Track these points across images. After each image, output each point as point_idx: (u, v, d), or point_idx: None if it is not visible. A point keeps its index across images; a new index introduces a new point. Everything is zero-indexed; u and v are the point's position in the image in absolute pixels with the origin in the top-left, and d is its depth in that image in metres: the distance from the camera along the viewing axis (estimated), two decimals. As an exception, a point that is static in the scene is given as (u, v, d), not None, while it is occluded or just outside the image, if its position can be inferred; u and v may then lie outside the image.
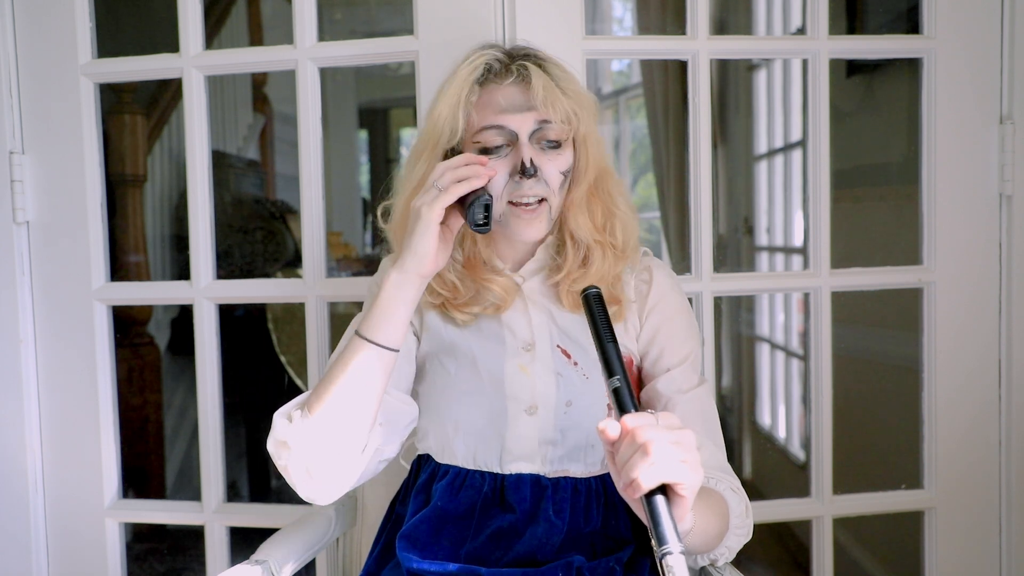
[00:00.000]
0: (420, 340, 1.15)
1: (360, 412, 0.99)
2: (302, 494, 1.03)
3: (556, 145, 1.06)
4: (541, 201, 1.05)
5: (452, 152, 1.06)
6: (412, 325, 1.14)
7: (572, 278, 1.10)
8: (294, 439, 0.99)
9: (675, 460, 0.76)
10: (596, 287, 0.90)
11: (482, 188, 1.00)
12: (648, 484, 0.76)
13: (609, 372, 0.85)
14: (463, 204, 1.00)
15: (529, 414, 1.09)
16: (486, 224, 1.00)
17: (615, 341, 0.86)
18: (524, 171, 1.02)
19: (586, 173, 1.09)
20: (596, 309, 0.88)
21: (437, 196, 0.98)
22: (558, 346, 1.11)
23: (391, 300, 0.99)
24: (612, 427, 0.79)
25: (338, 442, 0.99)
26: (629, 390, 0.84)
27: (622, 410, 0.82)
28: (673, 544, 0.74)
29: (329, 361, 1.13)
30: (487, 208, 0.99)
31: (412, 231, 0.99)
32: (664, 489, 0.77)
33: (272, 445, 1.01)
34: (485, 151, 1.04)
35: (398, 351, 1.01)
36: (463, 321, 1.12)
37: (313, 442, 0.98)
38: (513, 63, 1.06)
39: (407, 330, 1.04)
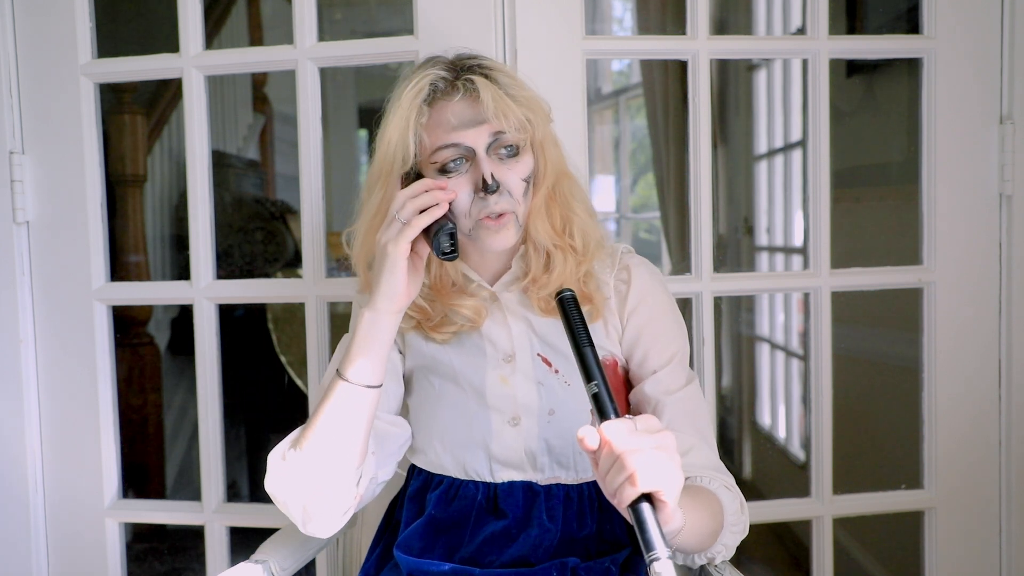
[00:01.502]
0: (404, 357, 1.15)
1: (348, 449, 0.99)
2: (304, 531, 1.03)
3: (515, 152, 1.03)
4: (505, 214, 1.04)
5: (409, 175, 1.04)
6: (396, 343, 1.14)
7: (539, 284, 1.09)
8: (288, 479, 0.99)
9: (654, 468, 0.76)
10: (570, 289, 0.89)
11: (444, 216, 0.99)
12: (629, 496, 0.76)
13: (587, 377, 0.84)
14: (428, 232, 0.99)
15: (512, 425, 1.08)
16: (453, 252, 0.99)
17: (592, 344, 0.85)
18: (486, 187, 1.00)
19: (545, 178, 1.07)
20: (571, 312, 0.87)
21: (401, 231, 0.96)
22: (539, 355, 1.10)
23: (367, 339, 0.99)
24: (591, 436, 0.79)
25: (329, 480, 0.99)
26: (609, 394, 0.83)
27: (602, 416, 0.82)
28: (660, 550, 0.74)
29: (321, 382, 1.13)
30: (452, 236, 0.98)
31: (380, 269, 0.98)
32: (648, 496, 0.77)
33: (269, 486, 1.02)
34: (444, 170, 1.02)
35: (380, 387, 1.01)
36: (443, 340, 1.11)
37: (306, 482, 0.99)
38: (459, 79, 1.03)
39: (388, 364, 1.03)
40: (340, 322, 1.42)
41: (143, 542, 2.86)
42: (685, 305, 1.21)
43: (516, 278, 1.12)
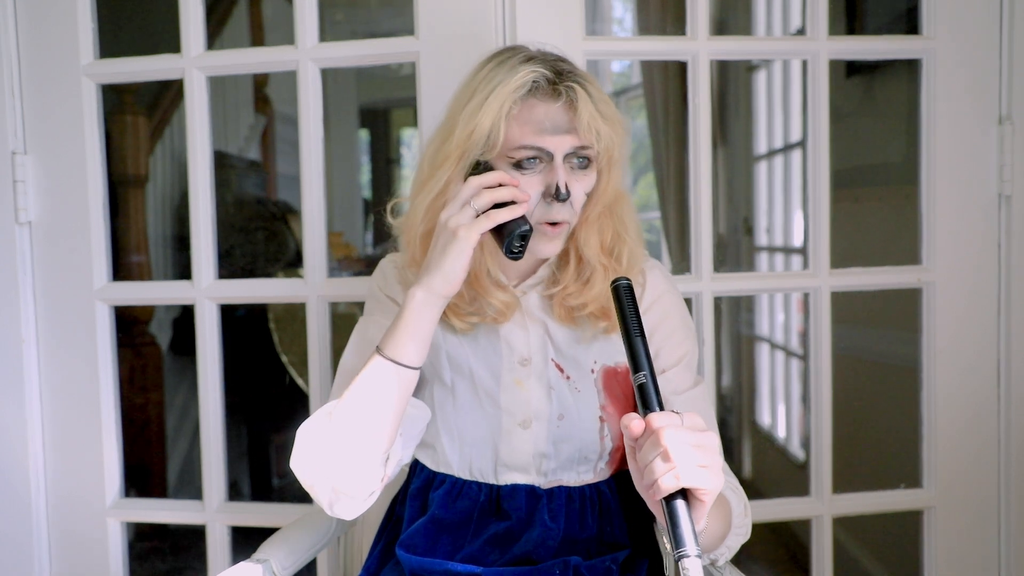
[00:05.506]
0: None
1: (383, 429, 0.99)
2: (330, 513, 1.02)
3: (586, 164, 1.03)
4: (562, 222, 1.04)
5: (481, 163, 1.02)
6: None
7: (568, 292, 1.09)
8: (318, 457, 0.98)
9: (697, 465, 0.76)
10: (627, 278, 0.88)
11: (521, 216, 0.98)
12: (668, 488, 0.76)
13: (635, 367, 0.83)
14: (496, 226, 0.98)
15: (523, 428, 1.09)
16: (521, 253, 0.98)
17: (643, 335, 0.84)
18: (558, 195, 1.00)
19: (605, 194, 1.07)
20: (626, 301, 0.86)
21: (476, 221, 0.95)
22: (552, 360, 1.11)
23: (416, 320, 0.98)
24: (636, 423, 0.79)
25: (362, 459, 0.99)
26: (655, 386, 0.82)
27: (647, 407, 0.81)
28: (691, 547, 0.74)
29: (341, 363, 1.12)
30: (524, 238, 0.98)
31: (444, 251, 0.96)
32: (684, 492, 0.77)
33: (296, 464, 1.00)
34: (517, 165, 1.01)
35: (419, 369, 1.00)
36: (461, 329, 1.11)
37: (337, 460, 0.98)
38: (561, 83, 1.01)
39: (428, 347, 1.02)
40: (341, 322, 1.43)
41: (145, 541, 2.87)
42: (685, 305, 1.22)
43: (541, 282, 1.12)
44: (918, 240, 1.55)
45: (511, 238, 0.97)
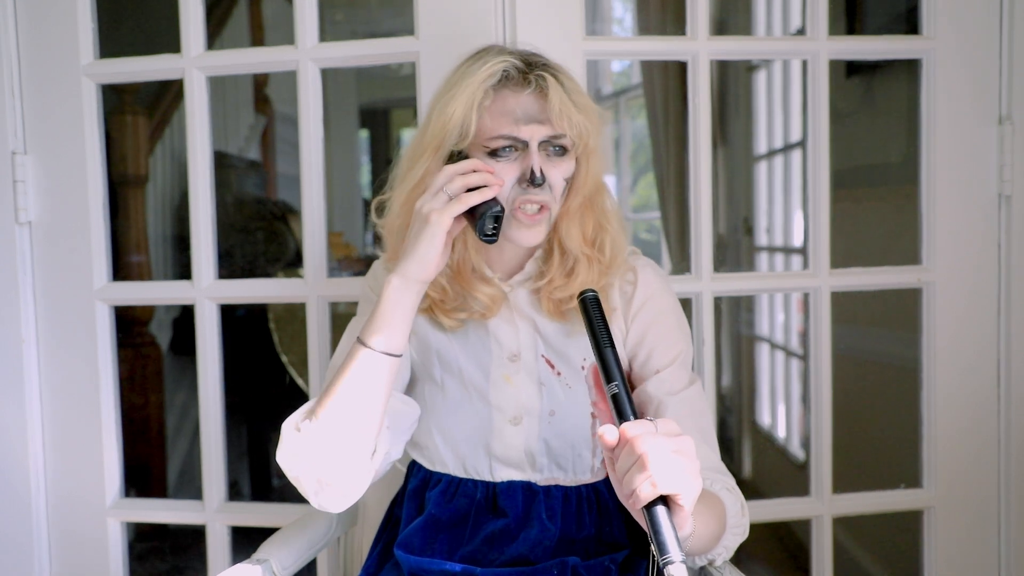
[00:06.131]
0: (411, 342, 1.15)
1: (367, 419, 0.99)
2: (315, 504, 1.02)
3: (562, 152, 1.05)
4: (541, 209, 1.04)
5: (453, 154, 1.04)
6: None
7: (555, 285, 1.09)
8: (304, 450, 0.98)
9: (674, 471, 0.76)
10: (593, 290, 0.88)
11: (493, 199, 0.99)
12: (647, 496, 0.76)
13: (608, 378, 0.84)
14: (470, 212, 0.99)
15: (513, 424, 1.09)
16: (494, 235, 0.99)
17: (613, 345, 0.85)
18: (533, 180, 1.01)
19: (584, 185, 1.08)
20: (594, 313, 0.87)
21: (447, 204, 0.96)
22: (542, 356, 1.11)
23: (393, 306, 0.98)
24: (610, 433, 0.79)
25: (347, 450, 0.99)
26: (628, 396, 0.83)
27: (621, 417, 0.81)
28: (674, 553, 0.74)
29: (330, 363, 1.13)
30: (497, 220, 0.98)
31: (418, 236, 0.97)
32: (664, 499, 0.77)
33: (282, 457, 1.00)
34: (493, 154, 1.02)
35: (401, 356, 1.00)
36: (450, 327, 1.11)
37: (323, 452, 0.98)
38: (531, 72, 1.03)
39: (409, 335, 1.03)
40: (341, 322, 1.43)
41: (145, 541, 2.87)
42: (685, 305, 1.21)
43: (529, 278, 1.13)
44: (918, 240, 1.55)
45: (483, 220, 0.98)
